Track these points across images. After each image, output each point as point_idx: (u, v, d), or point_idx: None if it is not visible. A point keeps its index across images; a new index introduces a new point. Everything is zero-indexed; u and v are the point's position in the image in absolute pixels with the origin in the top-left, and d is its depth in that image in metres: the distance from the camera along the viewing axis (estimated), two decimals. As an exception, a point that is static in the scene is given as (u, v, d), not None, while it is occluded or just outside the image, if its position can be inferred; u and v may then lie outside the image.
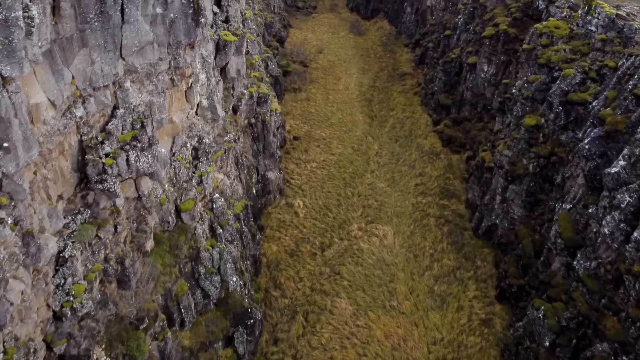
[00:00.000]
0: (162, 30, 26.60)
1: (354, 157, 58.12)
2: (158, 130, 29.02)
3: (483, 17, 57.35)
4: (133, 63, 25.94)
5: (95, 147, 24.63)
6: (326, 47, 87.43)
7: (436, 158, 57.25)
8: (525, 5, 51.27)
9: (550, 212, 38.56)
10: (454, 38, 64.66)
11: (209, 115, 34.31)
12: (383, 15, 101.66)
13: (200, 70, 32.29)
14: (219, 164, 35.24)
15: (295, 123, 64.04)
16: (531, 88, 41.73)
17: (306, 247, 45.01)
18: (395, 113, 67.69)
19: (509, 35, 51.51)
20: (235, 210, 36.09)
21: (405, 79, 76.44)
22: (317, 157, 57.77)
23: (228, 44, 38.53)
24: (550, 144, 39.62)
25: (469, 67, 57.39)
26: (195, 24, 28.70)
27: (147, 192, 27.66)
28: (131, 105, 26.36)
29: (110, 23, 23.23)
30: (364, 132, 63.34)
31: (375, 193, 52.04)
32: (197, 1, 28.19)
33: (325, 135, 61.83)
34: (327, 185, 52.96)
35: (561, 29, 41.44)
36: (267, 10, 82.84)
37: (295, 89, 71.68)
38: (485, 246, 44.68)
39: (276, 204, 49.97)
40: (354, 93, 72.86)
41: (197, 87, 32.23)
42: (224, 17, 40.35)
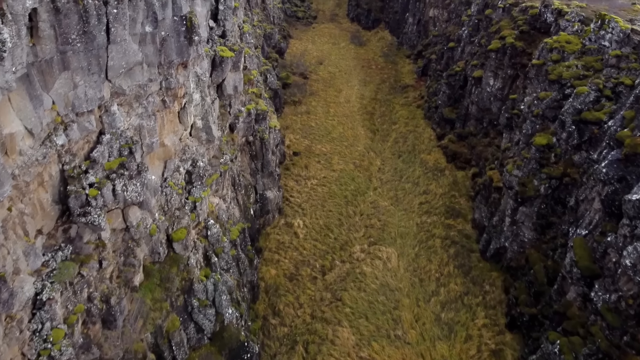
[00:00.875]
0: (152, 49, 24.80)
1: (356, 173, 56.25)
2: (148, 155, 27.17)
3: (488, 29, 55.69)
4: (120, 85, 24.11)
5: (78, 177, 22.73)
6: (327, 58, 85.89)
7: (441, 175, 55.38)
8: (533, 18, 49.58)
9: (564, 237, 36.62)
10: (457, 50, 63.00)
11: (203, 137, 32.47)
12: (384, 26, 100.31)
13: (194, 90, 30.47)
14: (214, 187, 33.35)
15: (295, 137, 62.24)
16: (541, 105, 39.92)
17: (306, 271, 43.02)
18: (398, 127, 65.89)
19: (516, 49, 49.79)
20: (231, 236, 34.15)
21: (408, 91, 74.75)
22: (318, 173, 55.90)
23: (225, 60, 36.77)
24: (563, 165, 37.75)
25: (474, 80, 55.67)
26: (189, 42, 26.92)
27: (136, 223, 25.76)
28: (118, 130, 24.51)
29: (94, 44, 21.42)
30: (366, 147, 61.51)
31: (378, 212, 50.10)
32: (190, 18, 26.42)
33: (326, 151, 60.00)
34: (328, 203, 51.05)
35: (572, 43, 39.71)
36: (267, 21, 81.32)
37: (295, 101, 69.97)
38: (493, 269, 42.68)
39: (275, 224, 48.03)
40: (355, 106, 71.14)
41: (190, 108, 30.41)
42: (220, 31, 38.63)
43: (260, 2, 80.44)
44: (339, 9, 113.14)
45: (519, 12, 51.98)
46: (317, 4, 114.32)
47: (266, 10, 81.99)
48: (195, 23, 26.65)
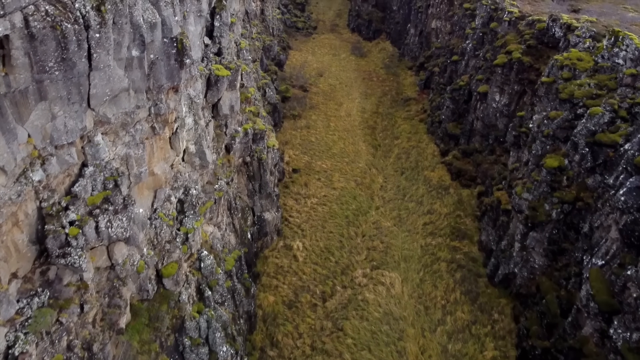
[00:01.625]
0: (140, 74, 23.02)
1: (357, 191, 54.39)
2: (136, 185, 25.33)
3: (494, 43, 54.03)
4: (105, 113, 22.31)
5: (57, 215, 20.87)
6: (327, 70, 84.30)
7: (445, 193, 53.52)
8: (540, 33, 47.91)
9: (577, 265, 34.71)
10: (461, 64, 61.33)
11: (197, 162, 30.65)
12: (385, 36, 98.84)
13: (187, 114, 28.69)
14: (208, 215, 31.50)
15: (295, 153, 60.44)
16: (552, 125, 38.14)
17: (306, 297, 41.05)
18: (400, 142, 64.12)
19: (523, 64, 48.09)
20: (226, 266, 32.24)
21: (410, 105, 73.05)
22: (318, 191, 54.05)
23: (220, 79, 35.04)
24: (575, 188, 35.91)
25: (479, 96, 53.94)
26: (180, 65, 25.16)
27: (122, 260, 23.88)
28: (103, 161, 22.68)
29: (74, 71, 19.62)
30: (368, 163, 59.69)
31: (381, 233, 48.20)
32: (181, 40, 24.68)
33: (326, 167, 58.19)
34: (328, 224, 49.15)
35: (584, 61, 37.99)
36: (266, 32, 79.78)
37: (294, 115, 68.25)
38: (502, 296, 40.73)
39: (274, 247, 46.12)
40: (356, 120, 69.41)
41: (183, 132, 28.61)
42: (216, 49, 36.94)
43: (259, 14, 78.94)
44: (339, 19, 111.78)
45: (526, 25, 50.33)
46: (317, 14, 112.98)
47: (265, 22, 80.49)
48: (186, 45, 24.90)
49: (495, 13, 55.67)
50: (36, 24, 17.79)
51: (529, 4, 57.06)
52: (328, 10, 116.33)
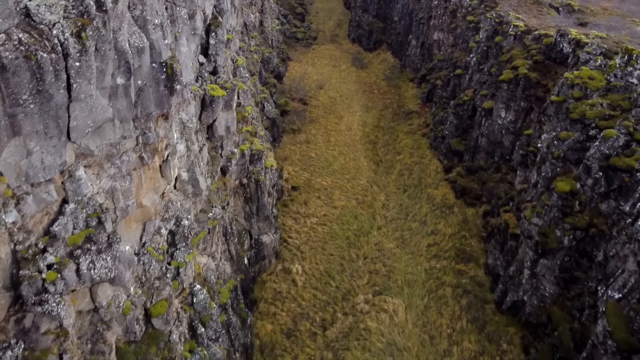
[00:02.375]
0: (126, 103, 21.36)
1: (359, 210, 52.64)
2: (123, 219, 23.62)
3: (499, 57, 52.49)
4: (87, 146, 20.63)
5: (34, 259, 19.14)
6: (327, 82, 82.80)
7: (449, 212, 51.77)
8: (548, 48, 46.36)
9: (591, 295, 32.90)
10: (465, 78, 59.79)
11: (189, 190, 28.95)
12: (386, 47, 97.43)
13: (179, 140, 27.03)
14: (201, 246, 29.77)
15: (294, 170, 58.76)
16: (562, 146, 36.47)
17: (305, 325, 39.23)
18: (403, 157, 62.46)
19: (530, 80, 46.52)
20: (221, 299, 30.46)
21: (412, 118, 71.47)
22: (318, 210, 52.31)
23: (215, 100, 33.43)
24: (588, 214, 34.16)
25: (484, 112, 52.35)
26: (170, 91, 23.52)
27: (106, 303, 22.12)
28: (85, 197, 20.97)
29: (51, 104, 17.97)
30: (369, 180, 58.00)
31: (383, 256, 46.41)
32: (172, 65, 23.05)
33: (326, 185, 56.48)
34: (328, 245, 47.37)
35: (596, 80, 36.38)
36: (265, 44, 78.34)
37: (294, 130, 66.63)
38: (510, 324, 38.89)
39: (272, 270, 44.33)
40: (357, 134, 67.79)
41: (174, 160, 26.94)
42: (211, 67, 35.38)
43: (258, 26, 77.55)
44: (339, 29, 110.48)
45: (532, 40, 48.79)
46: (317, 24, 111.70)
47: (264, 34, 79.08)
48: (176, 70, 23.26)
49: (500, 27, 54.17)
50: (7, 54, 16.18)
51: (535, 17, 55.61)
52: (328, 20, 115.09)
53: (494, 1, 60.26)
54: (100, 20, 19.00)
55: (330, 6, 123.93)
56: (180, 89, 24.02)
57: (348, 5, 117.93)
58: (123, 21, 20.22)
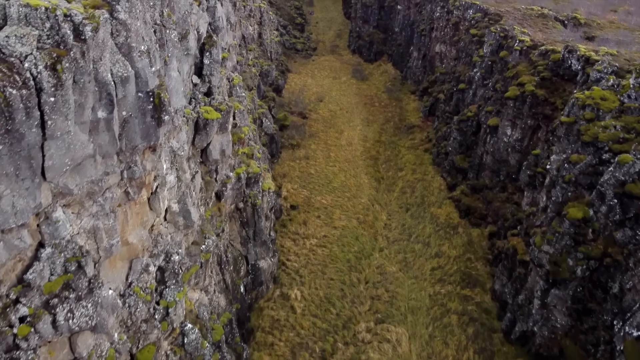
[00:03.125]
0: (108, 138, 19.68)
1: (360, 231, 50.88)
2: (107, 259, 21.89)
3: (504, 73, 50.93)
4: (66, 185, 18.94)
5: (4, 312, 17.41)
6: (327, 95, 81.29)
7: (454, 233, 50.01)
8: (555, 64, 44.79)
9: (606, 330, 31.09)
10: (469, 93, 58.22)
11: (180, 222, 27.23)
12: (387, 58, 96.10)
13: (169, 170, 25.35)
14: (193, 281, 28.00)
15: (293, 187, 57.06)
16: (574, 170, 34.79)
17: (304, 356, 37.35)
18: (405, 174, 60.78)
19: (537, 98, 44.93)
20: (214, 337, 28.65)
21: (414, 132, 69.87)
22: (318, 231, 50.55)
23: (209, 123, 31.80)
24: (603, 243, 32.41)
25: (489, 129, 50.73)
26: (157, 122, 21.86)
27: (87, 353, 20.35)
28: (64, 240, 19.26)
29: (22, 144, 16.31)
30: (370, 198, 56.28)
31: (386, 280, 44.59)
32: (159, 94, 21.39)
33: (326, 203, 54.75)
34: (329, 269, 45.57)
35: (609, 100, 34.76)
36: (264, 57, 76.91)
37: (293, 145, 65.01)
38: (519, 355, 37.01)
39: (269, 296, 42.49)
40: (357, 149, 66.16)
41: (163, 192, 25.24)
42: (205, 88, 33.76)
43: (257, 38, 76.17)
44: (339, 39, 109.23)
45: (539, 56, 47.24)
46: (316, 34, 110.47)
47: (263, 46, 77.67)
48: (164, 100, 21.61)
49: (504, 41, 52.65)
50: (-29, 92, 14.54)
51: (540, 31, 54.11)
52: (328, 31, 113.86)
53: (498, 15, 58.82)
54: (79, 50, 17.37)
55: (330, 16, 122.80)
56: (169, 120, 22.36)
57: (348, 15, 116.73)
58: (104, 50, 18.58)
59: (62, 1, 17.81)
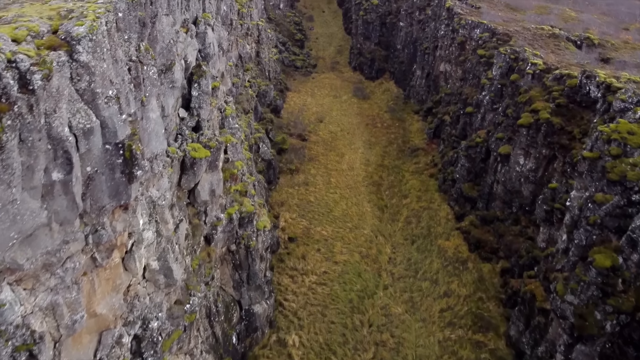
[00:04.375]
0: (66, 202, 16.53)
1: (362, 266, 47.56)
2: (70, 337, 18.64)
3: (515, 98, 47.92)
4: (14, 260, 15.76)
5: None
6: (327, 115, 78.32)
7: (463, 268, 46.68)
8: (572, 90, 41.81)
9: (641, 394, 27.75)
10: (477, 117, 55.21)
11: (161, 280, 23.99)
12: (389, 76, 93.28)
13: (147, 226, 22.17)
14: (175, 347, 24.68)
15: (292, 217, 53.84)
16: (599, 211, 31.59)
17: (303, 414, 33.97)
18: (410, 202, 57.55)
19: (553, 126, 41.89)
20: (199, 408, 25.30)
21: (418, 156, 66.75)
22: (317, 266, 47.23)
23: (197, 162, 28.72)
24: (634, 295, 29.12)
25: (500, 157, 47.62)
26: (128, 178, 18.71)
27: None
28: (11, 325, 16.03)
29: (-50, 222, 13.17)
30: (373, 229, 53.02)
31: (391, 323, 41.21)
32: (130, 146, 18.27)
33: (326, 235, 51.49)
34: (329, 310, 42.20)
35: (637, 135, 31.65)
36: (262, 76, 74.08)
37: (291, 170, 61.89)
38: (540, 413, 33.64)
39: (265, 342, 39.08)
40: (359, 174, 63.02)
41: (140, 250, 22.04)
42: (193, 122, 30.72)
43: (255, 57, 73.39)
44: (340, 55, 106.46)
45: (553, 80, 44.25)
46: (317, 50, 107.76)
47: (261, 65, 74.88)
48: (136, 153, 18.47)
49: (515, 63, 49.72)
50: None
51: (552, 53, 51.21)
52: (328, 47, 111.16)
53: (506, 34, 55.97)
54: (25, 103, 14.29)
55: (331, 31, 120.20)
56: (142, 174, 19.20)
57: (349, 30, 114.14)
58: (60, 100, 15.50)
59: (7, 42, 14.74)
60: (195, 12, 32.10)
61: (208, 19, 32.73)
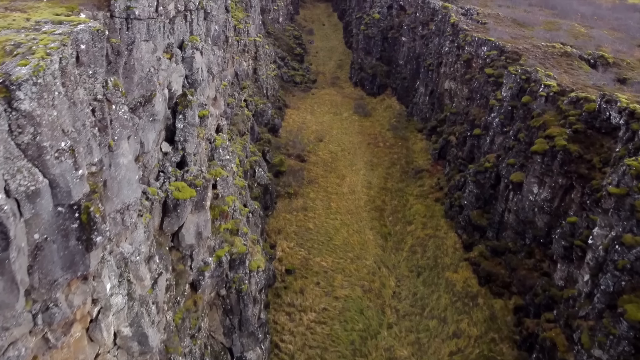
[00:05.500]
0: (3, 284, 13.37)
1: (365, 302, 44.30)
2: None
3: (527, 121, 44.96)
4: None
5: None
6: (327, 134, 75.36)
7: (473, 305, 43.40)
8: (590, 115, 38.86)
9: None
10: (485, 140, 52.21)
11: (134, 347, 20.81)
12: (391, 92, 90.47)
13: (116, 289, 19.02)
14: None
15: (289, 246, 50.66)
16: (629, 255, 28.46)
17: None
18: (414, 229, 54.39)
19: (570, 154, 38.87)
20: None
21: (423, 178, 63.67)
22: (316, 302, 43.97)
23: (181, 204, 25.67)
24: (672, 353, 25.94)
25: (512, 185, 44.54)
26: (86, 246, 15.62)
27: None
28: None
29: None
30: (376, 259, 49.81)
31: (396, 369, 37.94)
32: (87, 208, 15.19)
33: (326, 266, 48.28)
34: (329, 354, 38.91)
35: (670, 170, 28.66)
36: (259, 94, 71.27)
37: (290, 194, 58.79)
38: None
39: (259, 391, 35.79)
40: (361, 198, 59.91)
41: (109, 317, 18.89)
42: (178, 157, 27.72)
43: (252, 74, 70.67)
44: (340, 70, 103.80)
45: (569, 104, 41.30)
46: (316, 65, 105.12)
47: (258, 82, 72.11)
48: (95, 215, 15.39)
49: (527, 84, 46.81)
50: None
51: (566, 73, 48.34)
52: (329, 61, 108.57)
53: (516, 53, 53.15)
54: (-60, 170, 11.24)
55: (331, 45, 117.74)
56: (102, 241, 16.09)
57: (349, 44, 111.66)
58: (-8, 161, 12.47)
59: None
60: (181, 35, 29.22)
61: (196, 43, 29.83)
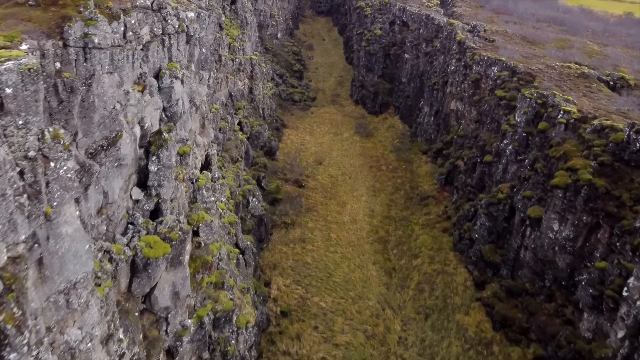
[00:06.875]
0: None
1: (368, 350, 40.08)
2: None
3: (545, 150, 41.14)
4: None
5: None
6: (327, 156, 71.54)
7: (488, 353, 39.25)
8: (618, 146, 35.06)
9: None
10: (497, 168, 48.33)
11: None
12: (394, 111, 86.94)
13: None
14: None
15: (285, 283, 46.52)
16: (676, 317, 24.40)
17: None
18: (421, 263, 50.31)
19: (596, 190, 34.96)
20: None
21: (429, 205, 59.72)
22: (314, 350, 39.75)
23: (152, 263, 21.80)
24: None
25: (530, 220, 40.58)
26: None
27: None
28: None
29: None
30: (380, 299, 45.65)
31: None
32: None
33: (325, 307, 44.12)
34: (328, 414, 34.70)
35: None
36: (255, 114, 67.60)
37: (286, 223, 54.77)
38: None
39: None
40: (363, 228, 55.91)
41: None
42: (151, 205, 23.81)
43: (248, 93, 67.07)
44: (340, 87, 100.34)
45: (592, 133, 37.51)
46: (316, 82, 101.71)
47: (254, 102, 68.49)
48: (6, 327, 11.35)
49: (543, 109, 43.05)
50: None
51: (585, 96, 44.61)
52: (329, 77, 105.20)
53: (529, 74, 49.46)
54: None
55: (331, 61, 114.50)
56: (18, 357, 12.10)
57: (350, 60, 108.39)
58: None
59: None
60: (158, 63, 25.49)
61: (175, 70, 26.09)
